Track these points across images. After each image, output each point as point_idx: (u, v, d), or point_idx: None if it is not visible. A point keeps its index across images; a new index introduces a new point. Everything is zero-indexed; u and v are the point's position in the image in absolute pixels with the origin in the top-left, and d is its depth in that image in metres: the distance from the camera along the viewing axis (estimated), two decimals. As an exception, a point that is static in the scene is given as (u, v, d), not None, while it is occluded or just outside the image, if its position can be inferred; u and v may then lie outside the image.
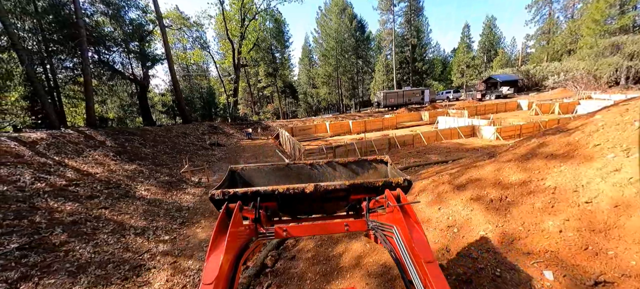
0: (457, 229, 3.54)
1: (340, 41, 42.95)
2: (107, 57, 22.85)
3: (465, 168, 5.07)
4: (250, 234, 1.63)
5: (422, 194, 4.90)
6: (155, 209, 8.16)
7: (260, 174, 2.37)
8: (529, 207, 3.21)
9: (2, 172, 7.30)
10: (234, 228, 1.38)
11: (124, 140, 13.80)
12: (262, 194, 1.79)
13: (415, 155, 12.77)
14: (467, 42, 59.83)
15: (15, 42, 14.24)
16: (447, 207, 4.09)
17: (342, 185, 1.84)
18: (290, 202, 1.97)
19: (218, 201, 1.76)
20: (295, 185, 1.84)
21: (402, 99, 40.53)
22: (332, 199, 2.00)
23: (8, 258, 4.66)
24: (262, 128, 27.49)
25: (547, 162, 3.75)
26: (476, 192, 3.99)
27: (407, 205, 1.55)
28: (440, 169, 6.24)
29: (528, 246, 2.80)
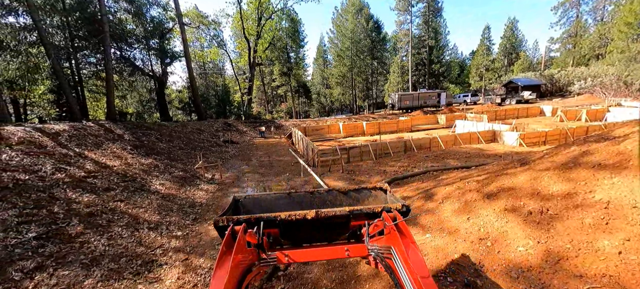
0: (491, 242, 3.22)
1: (355, 41, 42.54)
2: (128, 53, 23.57)
3: (495, 175, 4.69)
4: (253, 259, 1.65)
5: (447, 202, 4.57)
6: (169, 204, 8.17)
7: (263, 203, 2.45)
8: (577, 222, 2.85)
9: (25, 162, 7.49)
10: (239, 250, 1.42)
11: (141, 134, 14.06)
12: (265, 221, 1.84)
13: (433, 159, 12.30)
14: (487, 44, 57.95)
15: (44, 38, 14.81)
16: (477, 217, 3.75)
17: (343, 211, 1.90)
18: (292, 229, 2.01)
19: (222, 228, 1.80)
20: (297, 211, 1.89)
21: (418, 102, 39.64)
22: (333, 226, 2.04)
23: (25, 247, 4.69)
24: (275, 127, 27.53)
25: (594, 173, 3.35)
26: (511, 203, 3.64)
27: (403, 227, 1.59)
28: (464, 175, 5.86)
29: (579, 268, 2.46)
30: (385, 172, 10.92)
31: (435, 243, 3.70)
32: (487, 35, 58.07)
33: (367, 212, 1.95)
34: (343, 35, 43.13)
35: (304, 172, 11.19)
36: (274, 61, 43.85)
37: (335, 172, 11.45)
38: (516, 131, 15.78)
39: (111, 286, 4.47)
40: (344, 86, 47.59)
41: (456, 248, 3.42)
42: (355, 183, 9.89)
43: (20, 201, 5.81)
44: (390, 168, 11.44)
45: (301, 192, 2.54)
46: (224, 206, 6.02)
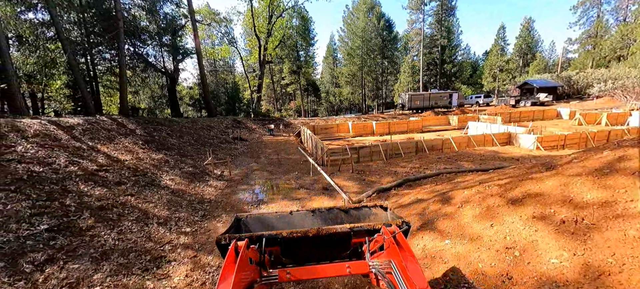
0: (519, 252, 2.99)
1: (366, 40, 42.06)
2: (141, 50, 23.91)
3: (519, 180, 4.42)
4: (254, 277, 1.66)
5: (466, 206, 4.33)
6: (178, 199, 8.16)
7: (264, 222, 2.50)
8: (619, 234, 2.59)
9: (40, 155, 7.60)
10: (241, 267, 1.44)
11: (152, 129, 14.20)
12: (267, 238, 1.87)
13: (446, 161, 11.96)
14: (502, 44, 56.46)
15: (60, 33, 15.11)
16: (502, 224, 3.51)
17: (343, 229, 1.94)
18: (294, 247, 2.02)
19: (224, 246, 1.82)
20: (298, 229, 1.94)
21: (428, 102, 38.96)
22: (334, 244, 2.05)
23: (37, 239, 4.70)
24: (284, 125, 27.50)
25: (635, 181, 3.07)
26: (539, 210, 3.39)
27: (402, 241, 1.61)
28: (484, 179, 5.59)
29: (624, 285, 2.21)
30: (397, 173, 10.67)
31: (455, 250, 3.48)
32: (501, 35, 56.56)
33: (368, 229, 1.96)
34: (354, 33, 42.70)
35: (314, 171, 11.05)
36: (284, 59, 43.85)
37: (344, 171, 11.26)
38: (533, 134, 15.21)
39: (120, 282, 4.42)
40: (354, 85, 47.17)
41: (479, 256, 3.20)
42: (365, 183, 9.68)
43: (34, 192, 5.86)
44: (402, 169, 11.17)
45: (302, 211, 2.58)
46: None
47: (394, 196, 7.49)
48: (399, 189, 8.33)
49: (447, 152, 14.27)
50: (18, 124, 8.79)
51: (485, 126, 20.05)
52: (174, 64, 26.03)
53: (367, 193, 8.03)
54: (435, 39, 49.39)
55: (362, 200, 7.65)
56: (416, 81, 50.78)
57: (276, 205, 8.10)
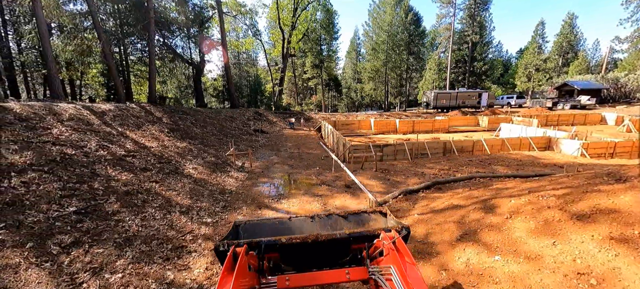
0: (597, 280, 2.47)
1: (392, 35, 40.59)
2: (170, 40, 24.60)
3: (581, 192, 3.81)
4: (253, 283, 1.65)
5: (516, 218, 3.79)
6: (200, 188, 8.15)
7: (263, 228, 2.50)
8: None
9: (73, 138, 7.86)
10: (240, 273, 1.42)
11: (178, 118, 14.49)
12: (266, 244, 1.86)
13: (478, 164, 11.14)
14: (540, 41, 52.52)
15: (97, 23, 15.72)
16: (567, 243, 2.98)
17: (343, 234, 1.92)
18: (293, 253, 2.01)
19: (222, 252, 1.81)
20: (297, 235, 1.93)
21: (455, 101, 37.13)
22: (334, 250, 2.04)
23: (65, 220, 4.76)
24: (304, 119, 27.33)
25: None
26: (618, 230, 2.82)
27: (402, 247, 1.59)
28: (533, 187, 4.96)
29: None
30: (423, 174, 10.06)
31: (509, 269, 3.00)
32: (540, 31, 52.57)
33: (367, 235, 1.96)
34: (379, 27, 41.38)
35: (335, 168, 10.70)
36: (307, 53, 43.52)
37: (367, 170, 10.81)
38: (577, 139, 13.83)
39: (141, 270, 4.36)
40: (377, 81, 45.93)
41: (542, 280, 2.70)
42: (390, 183, 9.20)
43: (65, 174, 6.00)
44: (429, 170, 10.54)
45: (301, 216, 2.59)
46: (224, 232, 5.75)
47: (423, 199, 6.97)
48: (428, 192, 7.78)
49: (478, 154, 13.34)
50: (55, 108, 9.18)
51: (519, 128, 18.63)
52: (200, 55, 26.58)
53: (393, 194, 7.56)
54: (466, 34, 46.79)
55: (388, 201, 7.21)
56: (443, 79, 48.59)
57: (297, 200, 7.87)
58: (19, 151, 6.03)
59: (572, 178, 5.07)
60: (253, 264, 1.69)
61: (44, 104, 9.38)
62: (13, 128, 6.90)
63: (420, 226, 4.76)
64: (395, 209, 6.45)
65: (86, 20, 18.68)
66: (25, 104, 8.68)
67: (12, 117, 7.37)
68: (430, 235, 4.35)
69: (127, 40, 22.57)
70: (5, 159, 5.52)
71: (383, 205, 6.96)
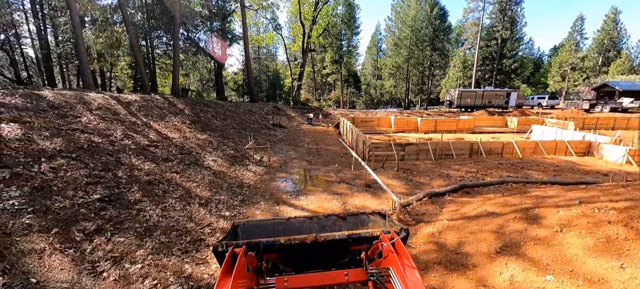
0: (687, 318, 2.03)
1: (416, 30, 39.01)
2: (194, 34, 25.10)
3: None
4: (251, 284, 1.63)
5: (569, 232, 3.33)
6: (219, 181, 8.14)
7: (262, 228, 2.48)
8: None
9: (100, 127, 8.08)
10: (238, 274, 1.40)
11: (199, 110, 14.71)
12: (264, 245, 1.84)
13: (508, 168, 10.39)
14: (578, 38, 48.78)
15: (125, 17, 16.21)
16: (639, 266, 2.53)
17: (342, 236, 1.93)
18: (291, 254, 2.01)
19: (221, 253, 1.79)
20: (296, 236, 1.92)
21: (481, 100, 35.36)
22: (332, 251, 2.03)
23: (90, 207, 4.81)
24: (323, 115, 27.08)
25: None
26: None
27: (401, 248, 1.57)
28: (584, 197, 4.41)
29: None
30: (449, 176, 9.51)
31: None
32: (578, 27, 48.77)
33: (366, 237, 1.95)
34: (403, 22, 39.96)
35: (355, 166, 10.38)
36: (327, 48, 43.02)
37: (388, 169, 10.39)
38: (622, 145, 12.58)
39: (160, 261, 4.32)
40: (397, 78, 44.58)
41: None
42: (413, 184, 8.76)
43: (92, 162, 6.13)
44: (455, 172, 9.96)
45: (300, 218, 2.59)
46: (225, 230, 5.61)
47: (451, 204, 6.52)
48: (455, 196, 7.30)
49: (508, 157, 12.49)
50: (85, 97, 9.51)
51: (554, 131, 17.31)
52: (222, 49, 26.94)
53: (416, 196, 7.15)
54: (495, 30, 44.27)
55: (412, 203, 6.82)
56: (468, 77, 46.46)
57: (316, 198, 7.66)
58: (50, 137, 6.23)
59: (631, 189, 4.46)
60: (252, 265, 1.68)
61: (75, 93, 9.75)
62: (46, 115, 7.16)
63: (451, 234, 4.38)
64: (420, 213, 6.06)
65: (116, 13, 19.37)
66: (58, 93, 9.04)
67: (45, 105, 7.66)
68: (463, 244, 3.96)
69: (154, 33, 23.26)
70: (37, 145, 5.70)
71: (406, 207, 6.60)
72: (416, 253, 4.15)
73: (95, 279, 3.61)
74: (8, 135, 5.54)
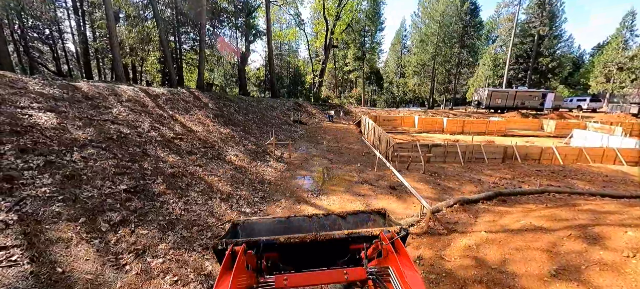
0: None
1: (444, 25, 37.15)
2: (219, 30, 25.58)
3: None
4: (251, 282, 1.62)
5: None
6: (240, 176, 8.09)
7: (262, 227, 2.46)
8: None
9: (129, 118, 8.30)
10: (238, 272, 1.41)
11: (222, 105, 14.90)
12: (264, 243, 1.84)
13: (548, 176, 9.50)
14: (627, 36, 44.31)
15: (156, 13, 16.75)
16: None
17: (341, 235, 1.92)
18: (291, 253, 1.99)
19: (221, 251, 1.77)
20: (295, 235, 1.91)
21: (513, 101, 33.15)
22: (332, 250, 2.01)
23: (116, 198, 4.86)
24: (344, 112, 26.65)
25: None
26: None
27: (400, 247, 1.56)
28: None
29: None
30: (481, 181, 8.84)
31: (651, 338, 2.13)
32: (628, 23, 44.21)
33: (366, 236, 1.94)
34: (430, 17, 38.21)
35: (378, 166, 9.96)
36: (349, 44, 42.30)
37: (414, 171, 9.88)
38: (685, 155, 11.10)
39: (181, 257, 4.26)
40: (422, 76, 42.88)
41: None
42: (441, 189, 8.22)
43: (120, 152, 6.26)
44: (487, 178, 9.25)
45: (300, 216, 2.57)
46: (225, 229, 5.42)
47: (486, 213, 5.97)
48: (489, 204, 6.72)
49: (546, 163, 11.47)
50: (116, 89, 9.85)
51: (598, 137, 15.72)
52: (246, 44, 27.28)
53: (447, 202, 6.65)
54: (532, 26, 41.21)
55: (441, 210, 6.34)
56: (498, 76, 43.75)
57: (338, 198, 7.38)
58: (82, 127, 6.43)
59: None
60: (251, 263, 1.67)
61: (107, 85, 10.13)
62: (80, 106, 7.44)
63: (492, 249, 3.92)
64: (451, 221, 5.59)
65: (147, 10, 20.11)
66: (92, 84, 9.42)
67: (80, 95, 7.98)
68: (508, 263, 3.51)
69: (182, 29, 23.97)
70: (70, 134, 5.89)
71: (435, 213, 6.14)
72: (451, 267, 3.76)
73: (117, 272, 3.59)
74: (44, 124, 5.76)
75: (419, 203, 7.06)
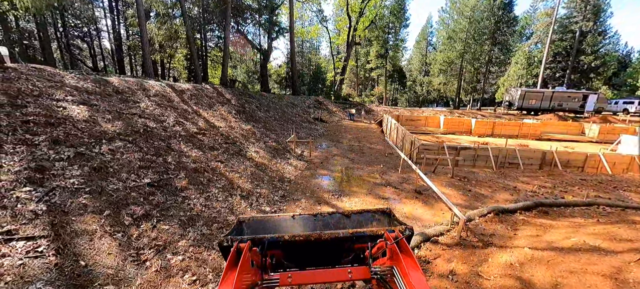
0: None
1: (475, 21, 35.07)
2: (243, 27, 25.93)
3: None
4: (255, 279, 1.61)
5: None
6: (260, 174, 8.01)
7: (267, 224, 2.50)
8: None
9: (156, 112, 8.49)
10: (243, 268, 1.41)
11: (244, 101, 15.01)
12: (269, 241, 1.84)
13: (596, 186, 8.55)
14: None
15: (184, 11, 17.18)
16: None
17: (346, 233, 1.91)
18: (296, 251, 1.95)
19: (226, 247, 1.75)
20: (300, 233, 1.91)
21: (549, 103, 30.79)
22: (336, 249, 2.00)
23: (140, 191, 4.90)
24: (365, 111, 26.10)
25: None
26: None
27: (405, 247, 1.58)
28: None
29: None
30: (516, 189, 8.13)
31: None
32: (688, 17, 39.42)
33: (370, 235, 1.90)
34: (460, 12, 36.28)
35: (403, 168, 9.50)
36: (372, 41, 41.35)
37: (441, 175, 9.31)
38: None
39: (200, 255, 4.18)
40: (448, 75, 40.98)
41: None
42: (472, 196, 7.64)
43: (145, 146, 6.37)
44: (523, 185, 8.50)
45: (305, 215, 2.54)
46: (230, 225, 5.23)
47: (527, 225, 5.40)
48: (528, 215, 6.10)
49: (592, 172, 10.39)
50: (145, 84, 10.15)
51: (653, 143, 14.03)
52: (268, 41, 27.46)
53: (480, 211, 6.12)
54: (573, 21, 37.99)
55: (474, 219, 5.83)
56: (533, 75, 40.90)
57: (359, 200, 7.07)
58: (112, 120, 6.61)
59: None
60: (256, 260, 1.67)
61: (136, 80, 10.48)
62: (110, 99, 7.70)
63: (540, 270, 3.45)
64: (486, 233, 5.10)
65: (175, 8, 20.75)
66: (123, 79, 9.76)
67: (111, 89, 8.26)
68: (562, 288, 3.05)
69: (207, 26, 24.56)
70: (100, 127, 6.05)
71: (469, 222, 5.65)
72: (491, 287, 3.35)
73: (138, 268, 3.55)
74: (77, 116, 5.96)
75: (448, 210, 6.57)
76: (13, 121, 4.88)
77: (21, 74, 6.62)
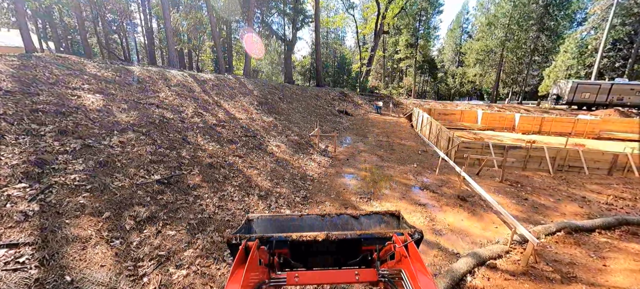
0: None
1: (520, 4, 31.27)
2: (267, 18, 25.43)
3: None
4: (263, 278, 1.61)
5: None
6: (281, 170, 7.34)
7: (275, 223, 2.50)
8: None
9: (175, 103, 8.13)
10: (251, 266, 1.41)
11: (267, 92, 14.47)
12: (277, 240, 1.85)
13: (691, 199, 6.84)
14: None
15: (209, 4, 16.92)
16: None
17: (353, 235, 1.90)
18: (303, 251, 1.95)
19: (235, 245, 1.77)
20: (307, 233, 1.91)
21: (606, 97, 27.10)
22: (344, 250, 1.99)
23: (147, 189, 4.41)
24: (393, 104, 24.62)
25: None
26: None
27: (413, 251, 1.52)
28: None
29: None
30: (586, 200, 6.71)
31: None
32: None
33: (378, 237, 1.89)
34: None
35: (440, 169, 8.36)
36: (402, 30, 38.98)
37: (486, 178, 8.06)
38: None
39: (208, 269, 3.57)
40: (486, 65, 37.52)
41: None
42: (528, 205, 6.40)
43: (159, 138, 5.93)
44: (593, 195, 7.03)
45: (313, 215, 2.54)
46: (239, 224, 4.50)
47: (615, 252, 4.19)
48: (611, 235, 4.82)
49: (680, 181, 8.49)
50: (167, 73, 9.88)
51: None
52: (293, 31, 26.77)
53: (546, 227, 4.96)
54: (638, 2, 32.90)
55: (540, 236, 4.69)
56: (586, 66, 36.33)
57: (392, 205, 6.15)
58: (127, 110, 6.26)
59: None
60: (264, 259, 1.64)
61: (159, 69, 10.26)
62: (129, 88, 7.41)
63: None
64: (563, 261, 3.98)
65: (200, 0, 20.66)
66: (145, 69, 9.54)
67: (131, 79, 8.00)
68: None
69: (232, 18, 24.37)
70: (113, 117, 5.69)
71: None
72: None
73: (133, 285, 3.01)
74: (90, 105, 5.63)
75: (500, 223, 5.46)
76: (21, 109, 4.58)
77: (41, 62, 6.46)
